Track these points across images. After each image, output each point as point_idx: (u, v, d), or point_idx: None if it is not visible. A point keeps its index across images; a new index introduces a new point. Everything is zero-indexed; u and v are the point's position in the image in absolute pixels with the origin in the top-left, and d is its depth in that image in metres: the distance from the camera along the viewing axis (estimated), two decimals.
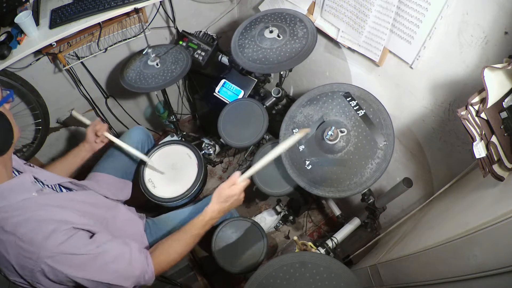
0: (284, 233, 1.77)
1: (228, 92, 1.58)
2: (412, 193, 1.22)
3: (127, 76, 1.33)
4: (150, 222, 1.15)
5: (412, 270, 0.90)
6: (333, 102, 1.07)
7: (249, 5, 1.71)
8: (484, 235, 0.63)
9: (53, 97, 1.54)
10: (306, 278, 0.82)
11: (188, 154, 1.33)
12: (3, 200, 0.71)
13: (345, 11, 1.15)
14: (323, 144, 1.01)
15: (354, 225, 1.27)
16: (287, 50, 1.15)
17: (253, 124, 1.31)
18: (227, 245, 1.22)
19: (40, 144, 1.59)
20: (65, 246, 0.70)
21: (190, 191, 1.25)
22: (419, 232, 0.99)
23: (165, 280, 1.33)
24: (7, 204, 0.71)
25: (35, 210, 0.72)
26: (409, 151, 1.22)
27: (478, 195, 0.82)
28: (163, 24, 1.65)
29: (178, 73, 1.31)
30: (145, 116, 2.07)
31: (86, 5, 1.30)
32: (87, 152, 1.18)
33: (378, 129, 0.98)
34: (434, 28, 0.91)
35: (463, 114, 0.70)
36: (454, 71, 0.92)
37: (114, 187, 1.20)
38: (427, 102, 1.04)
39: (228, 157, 2.06)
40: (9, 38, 1.21)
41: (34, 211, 0.72)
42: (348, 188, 0.97)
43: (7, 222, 0.69)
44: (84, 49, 1.46)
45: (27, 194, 0.75)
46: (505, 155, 0.72)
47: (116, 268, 0.76)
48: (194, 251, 1.64)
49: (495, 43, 0.79)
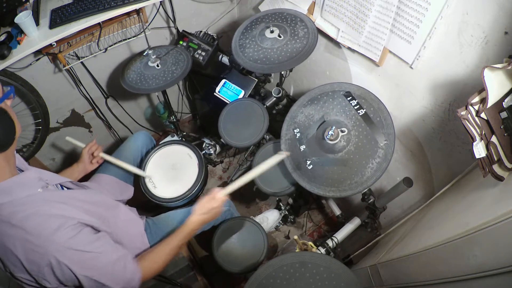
0: (284, 233, 1.77)
1: (229, 92, 1.58)
2: (412, 193, 1.22)
3: (127, 77, 1.34)
4: (150, 222, 1.16)
5: (412, 270, 0.90)
6: (333, 101, 1.07)
7: (249, 5, 1.71)
8: (484, 235, 0.63)
9: (53, 97, 1.54)
10: (306, 278, 0.82)
11: (189, 154, 1.33)
12: (9, 196, 0.71)
13: (345, 11, 1.15)
14: (324, 144, 1.01)
15: (355, 225, 1.28)
16: (288, 50, 1.15)
17: (254, 124, 1.32)
18: (227, 245, 1.22)
19: (40, 144, 1.59)
20: (73, 241, 0.71)
21: (191, 191, 1.25)
22: (419, 232, 0.99)
23: (165, 280, 1.33)
24: (13, 199, 0.71)
25: (41, 205, 0.73)
26: (410, 150, 1.22)
27: (478, 195, 0.82)
28: (163, 24, 1.65)
29: (179, 74, 1.31)
30: (145, 116, 2.07)
31: (86, 5, 1.30)
32: (80, 172, 1.18)
33: (379, 129, 0.98)
34: (434, 28, 0.91)
35: (463, 114, 0.70)
36: (454, 71, 0.92)
37: (116, 188, 1.21)
38: (427, 102, 1.04)
39: (228, 157, 2.06)
40: (9, 38, 1.21)
41: (40, 206, 0.73)
42: (349, 188, 0.97)
43: (15, 216, 0.69)
44: (84, 49, 1.46)
45: (32, 190, 0.75)
46: (505, 155, 0.73)
47: (113, 270, 0.78)
48: (194, 251, 1.64)
49: (495, 43, 0.79)
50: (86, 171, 1.19)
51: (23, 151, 1.56)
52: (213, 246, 1.22)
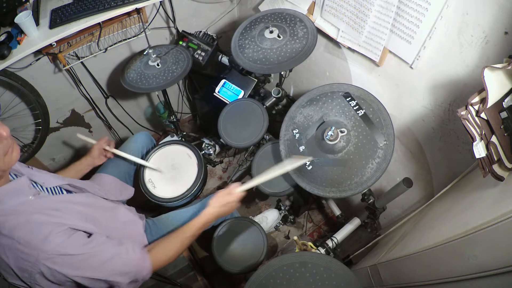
0: (284, 233, 1.77)
1: (228, 92, 1.58)
2: (412, 193, 1.22)
3: (128, 76, 1.34)
4: (150, 222, 1.16)
5: (412, 270, 0.90)
6: (333, 102, 1.07)
7: (249, 5, 1.71)
8: (484, 235, 0.63)
9: (53, 97, 1.54)
10: (306, 278, 0.82)
11: (188, 154, 1.33)
12: None
13: (345, 11, 1.15)
14: (324, 144, 1.01)
15: (354, 225, 1.27)
16: (287, 50, 1.15)
17: (253, 124, 1.31)
18: (227, 245, 1.22)
19: (40, 144, 1.59)
20: (62, 247, 0.71)
21: (190, 191, 1.25)
22: (419, 232, 0.99)
23: (165, 280, 1.33)
24: (3, 208, 0.71)
25: (31, 213, 0.73)
26: (409, 151, 1.22)
27: (478, 195, 0.82)
28: (163, 24, 1.65)
29: (179, 73, 1.31)
30: (145, 116, 2.07)
31: (86, 5, 1.30)
32: (88, 166, 1.21)
33: (378, 129, 0.98)
34: (434, 28, 0.91)
35: (463, 114, 0.70)
36: (454, 71, 0.92)
37: (116, 188, 1.21)
38: (427, 102, 1.04)
39: (228, 157, 2.06)
40: (9, 38, 1.21)
41: (30, 214, 0.73)
42: (349, 188, 0.97)
43: (4, 225, 0.69)
44: (84, 49, 1.46)
45: (23, 198, 0.75)
46: (505, 155, 0.72)
47: (112, 266, 0.78)
48: (194, 251, 1.64)
49: (495, 43, 0.79)
50: (93, 165, 1.22)
51: (23, 151, 1.56)
52: (213, 246, 1.22)
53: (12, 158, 0.71)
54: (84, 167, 1.20)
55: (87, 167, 1.21)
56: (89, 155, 1.21)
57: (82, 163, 1.19)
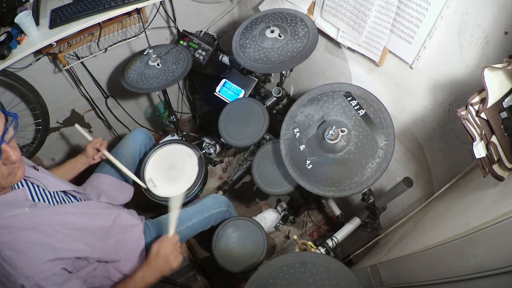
0: (284, 233, 1.77)
1: (229, 92, 1.58)
2: (412, 193, 1.22)
3: (128, 76, 1.34)
4: (149, 223, 1.16)
5: (412, 270, 0.90)
6: (333, 101, 1.07)
7: (249, 5, 1.71)
8: (484, 235, 0.63)
9: (53, 97, 1.54)
10: (306, 278, 0.82)
11: (189, 153, 1.33)
12: None
13: (345, 11, 1.15)
14: (324, 144, 1.01)
15: (354, 225, 1.27)
16: (288, 49, 1.15)
17: (254, 124, 1.31)
18: (227, 245, 1.22)
19: (40, 144, 1.59)
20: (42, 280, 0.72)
21: (191, 191, 1.25)
22: (419, 232, 0.99)
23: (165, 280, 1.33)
24: None
25: (22, 230, 0.73)
26: (409, 151, 1.22)
27: (478, 195, 0.82)
28: (164, 24, 1.65)
29: (179, 73, 1.31)
30: (146, 116, 2.07)
31: (86, 5, 1.30)
32: (83, 164, 1.21)
33: (379, 129, 0.98)
34: (434, 28, 0.91)
35: (463, 114, 0.70)
36: (454, 71, 0.92)
37: (116, 189, 1.21)
38: (427, 102, 1.04)
39: (228, 157, 2.06)
40: (9, 38, 1.21)
41: (21, 230, 0.73)
42: (349, 188, 0.97)
43: None
44: (84, 49, 1.46)
45: (18, 210, 0.75)
46: (505, 155, 0.72)
47: None
48: (194, 251, 1.64)
49: (495, 43, 0.79)
50: (88, 164, 1.22)
51: (23, 151, 1.56)
52: (213, 246, 1.22)
53: (15, 178, 0.71)
54: (79, 164, 1.19)
55: (82, 165, 1.20)
56: (84, 154, 1.20)
57: (77, 160, 1.19)
